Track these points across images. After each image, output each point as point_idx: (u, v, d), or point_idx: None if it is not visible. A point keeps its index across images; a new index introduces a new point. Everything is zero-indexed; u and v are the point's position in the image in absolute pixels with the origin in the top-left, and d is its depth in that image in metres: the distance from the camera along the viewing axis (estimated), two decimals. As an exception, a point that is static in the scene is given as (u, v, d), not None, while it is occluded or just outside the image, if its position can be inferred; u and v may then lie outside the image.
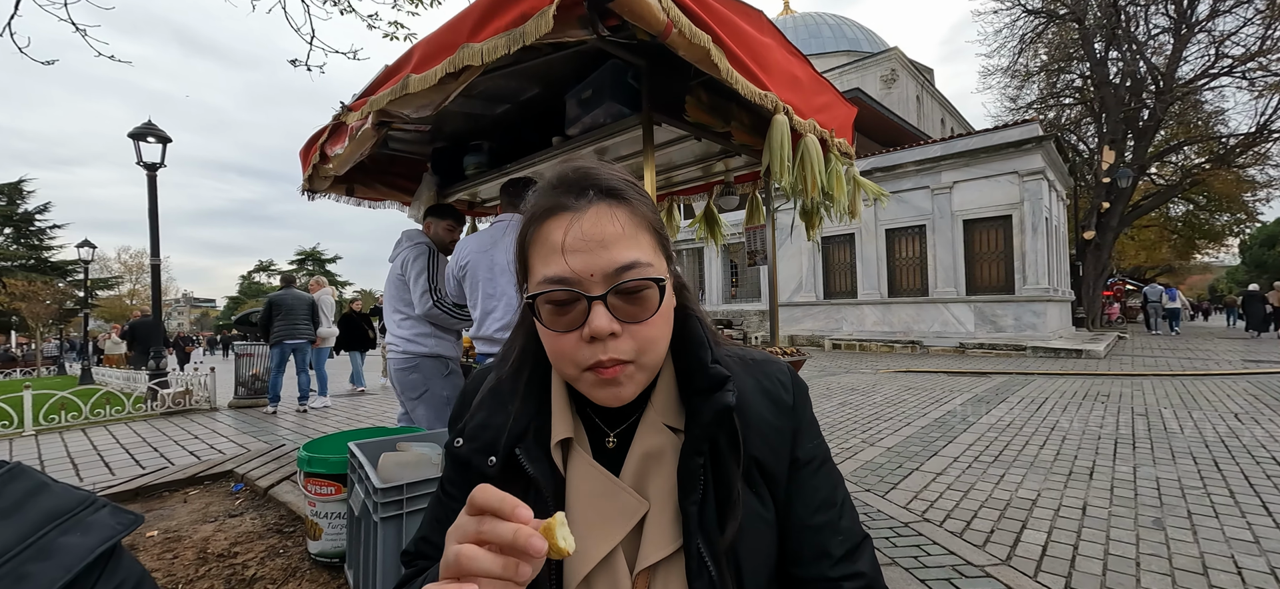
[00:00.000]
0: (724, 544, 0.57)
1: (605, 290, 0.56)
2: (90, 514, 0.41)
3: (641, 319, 0.57)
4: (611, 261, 0.56)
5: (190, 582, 2.21)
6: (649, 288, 0.57)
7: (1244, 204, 24.37)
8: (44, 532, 0.38)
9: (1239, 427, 5.05)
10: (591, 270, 0.56)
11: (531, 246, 0.60)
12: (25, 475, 0.41)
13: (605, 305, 0.56)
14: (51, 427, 6.35)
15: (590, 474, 0.61)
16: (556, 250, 0.57)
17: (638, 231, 0.59)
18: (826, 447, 0.70)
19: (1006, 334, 13.53)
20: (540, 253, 0.59)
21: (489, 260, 2.44)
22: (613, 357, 0.56)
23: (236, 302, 53.43)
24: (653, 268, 0.58)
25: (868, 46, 29.91)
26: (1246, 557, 2.57)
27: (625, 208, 0.59)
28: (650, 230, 0.61)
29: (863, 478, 3.85)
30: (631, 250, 0.57)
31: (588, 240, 0.56)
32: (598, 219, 0.57)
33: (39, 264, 30.44)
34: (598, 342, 0.56)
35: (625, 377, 0.58)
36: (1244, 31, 17.64)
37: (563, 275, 0.56)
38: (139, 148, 7.76)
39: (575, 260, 0.56)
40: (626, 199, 0.60)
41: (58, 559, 0.37)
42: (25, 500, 0.39)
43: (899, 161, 15.22)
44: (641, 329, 0.57)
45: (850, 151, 2.81)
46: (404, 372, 2.81)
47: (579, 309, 0.56)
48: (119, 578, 0.40)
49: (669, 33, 1.69)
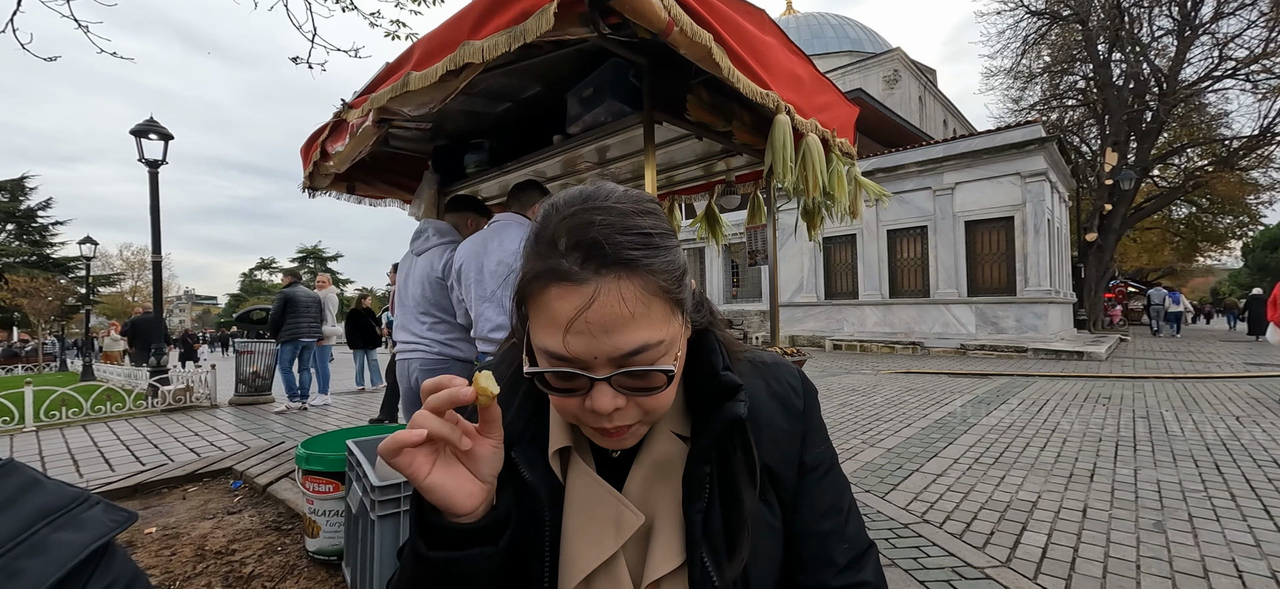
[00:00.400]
0: (735, 568, 0.56)
1: (610, 374, 0.52)
2: (83, 511, 0.41)
3: (646, 394, 0.54)
4: (617, 347, 0.51)
5: (188, 578, 2.21)
6: (656, 373, 0.53)
7: (1247, 207, 24.34)
8: (37, 528, 0.38)
9: (1240, 429, 5.04)
10: (594, 354, 0.51)
11: (530, 303, 0.55)
12: (18, 472, 0.41)
13: (610, 385, 0.52)
14: (52, 423, 6.35)
15: (588, 485, 0.59)
16: (557, 326, 0.51)
17: (649, 306, 0.52)
18: (834, 451, 0.69)
19: (1008, 336, 13.51)
20: (539, 319, 0.54)
21: (478, 262, 2.39)
22: (618, 424, 0.54)
23: (237, 299, 53.52)
24: (662, 345, 0.53)
25: (870, 47, 29.89)
26: (1247, 560, 2.56)
27: (637, 280, 0.52)
28: (662, 296, 0.53)
29: (863, 479, 3.84)
30: (640, 333, 0.51)
31: (592, 325, 0.50)
32: (604, 302, 0.50)
33: (41, 260, 30.51)
34: (601, 414, 0.53)
35: (630, 435, 0.57)
36: (1248, 34, 17.61)
37: (563, 355, 0.52)
38: (141, 144, 7.77)
39: (576, 343, 0.51)
40: (637, 269, 0.52)
41: (51, 555, 0.37)
42: (18, 496, 0.39)
43: (901, 162, 15.21)
44: (647, 401, 0.54)
45: (852, 152, 2.80)
46: (431, 373, 2.73)
47: (581, 384, 0.53)
48: (112, 575, 0.40)
49: (670, 31, 1.68)
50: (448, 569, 0.52)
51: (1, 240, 30.69)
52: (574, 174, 3.41)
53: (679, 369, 0.57)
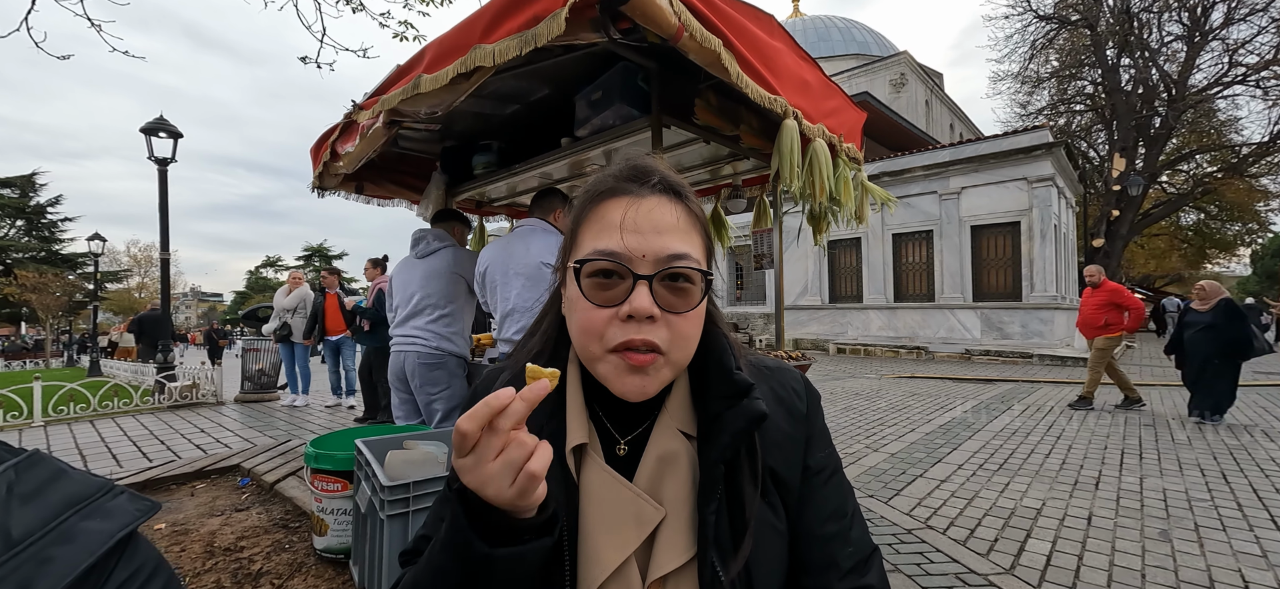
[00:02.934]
0: (736, 566, 0.57)
1: (653, 273, 0.57)
2: (109, 500, 0.42)
3: (681, 311, 0.58)
4: (665, 247, 0.58)
5: (197, 575, 2.23)
6: (695, 281, 0.59)
7: (1256, 214, 24.18)
8: (65, 516, 0.38)
9: (1249, 439, 5.01)
10: (644, 251, 0.57)
11: (585, 223, 0.61)
12: (45, 462, 0.41)
13: (650, 288, 0.56)
14: (60, 418, 6.41)
15: (606, 481, 0.60)
16: (613, 227, 0.58)
17: (691, 229, 0.61)
18: (837, 456, 0.70)
19: (1013, 341, 13.45)
20: (594, 228, 0.60)
21: (503, 267, 2.48)
22: (646, 339, 0.56)
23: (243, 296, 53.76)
24: (699, 268, 0.59)
25: (877, 50, 29.82)
26: (1253, 571, 2.55)
27: (683, 205, 0.61)
28: (701, 232, 0.63)
29: (866, 484, 3.84)
30: (685, 243, 0.59)
31: (645, 222, 0.58)
32: (657, 206, 0.59)
33: (50, 256, 30.72)
34: (633, 322, 0.56)
35: (654, 368, 0.58)
36: (1258, 39, 17.54)
37: (615, 250, 0.57)
38: (150, 142, 7.83)
39: (630, 239, 0.57)
40: (685, 197, 0.62)
41: (81, 543, 0.38)
42: (46, 486, 0.40)
43: (907, 166, 15.17)
44: (679, 321, 0.58)
45: (858, 156, 2.81)
46: (429, 367, 2.84)
47: (622, 287, 0.57)
48: (137, 562, 0.41)
49: (680, 36, 1.70)
50: (511, 567, 0.50)
51: (11, 236, 30.95)
52: (581, 177, 3.43)
53: (703, 310, 0.61)
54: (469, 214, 4.23)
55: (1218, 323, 5.69)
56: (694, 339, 0.61)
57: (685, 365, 0.62)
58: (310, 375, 7.62)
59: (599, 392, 0.64)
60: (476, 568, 0.50)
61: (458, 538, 0.50)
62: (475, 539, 0.49)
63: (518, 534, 0.50)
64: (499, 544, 0.50)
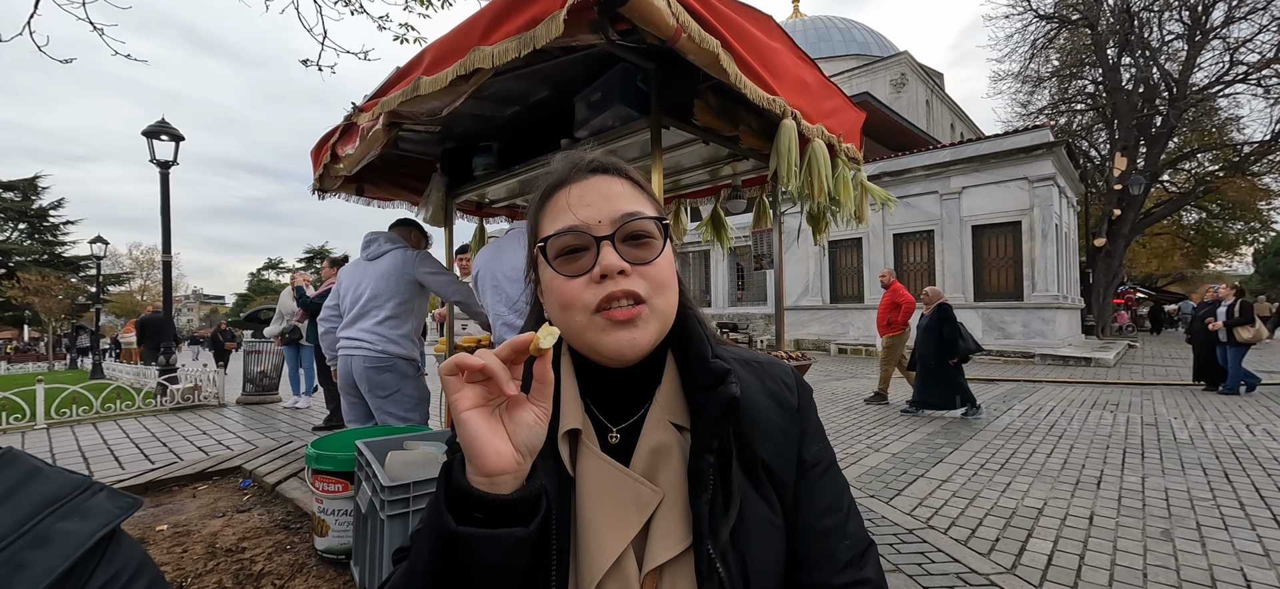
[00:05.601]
0: (722, 538, 0.57)
1: (612, 232, 0.60)
2: (87, 499, 0.40)
3: (649, 261, 0.61)
4: (616, 209, 0.61)
5: (199, 576, 2.24)
6: (653, 233, 0.62)
7: (1258, 212, 24.13)
8: (41, 517, 0.36)
9: (1251, 438, 5.00)
10: (598, 218, 0.61)
11: (542, 217, 0.66)
12: (18, 461, 0.39)
13: (613, 245, 0.60)
14: (63, 420, 6.43)
15: (601, 467, 0.60)
16: (565, 209, 0.62)
17: (636, 193, 0.65)
18: (832, 451, 0.70)
19: (1015, 341, 13.44)
20: (550, 216, 0.64)
21: (492, 270, 2.50)
22: (624, 289, 0.59)
23: (245, 299, 53.86)
24: (654, 222, 0.63)
25: (877, 50, 29.81)
26: (1256, 570, 2.54)
27: (623, 177, 0.66)
28: (647, 196, 0.66)
29: (867, 484, 3.84)
30: (634, 203, 0.63)
31: (592, 194, 0.63)
32: (602, 181, 0.64)
33: (52, 259, 30.84)
34: (608, 279, 0.58)
35: (640, 319, 0.59)
36: (1260, 38, 17.50)
37: (572, 225, 0.61)
38: (152, 145, 7.86)
39: (583, 212, 0.61)
40: (624, 171, 0.67)
41: (57, 545, 0.36)
42: (20, 486, 0.38)
43: (908, 166, 15.17)
44: (650, 270, 0.61)
45: (858, 157, 2.81)
46: (376, 370, 2.82)
47: (587, 254, 0.60)
48: (119, 563, 0.39)
49: (678, 37, 1.70)
50: (476, 549, 0.49)
51: (14, 239, 31.06)
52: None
53: (671, 258, 0.65)
54: (470, 215, 4.25)
55: (933, 325, 6.15)
56: (671, 286, 0.63)
57: (670, 316, 0.63)
58: (314, 377, 7.61)
59: (591, 382, 0.65)
60: (448, 547, 0.49)
61: (433, 514, 0.51)
62: (446, 514, 0.49)
63: (488, 515, 0.50)
64: (466, 521, 0.49)
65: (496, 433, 0.50)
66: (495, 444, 0.50)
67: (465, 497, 0.50)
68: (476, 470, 0.50)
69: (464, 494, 0.50)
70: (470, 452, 0.49)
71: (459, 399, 0.49)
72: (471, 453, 0.49)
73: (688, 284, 0.70)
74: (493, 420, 0.51)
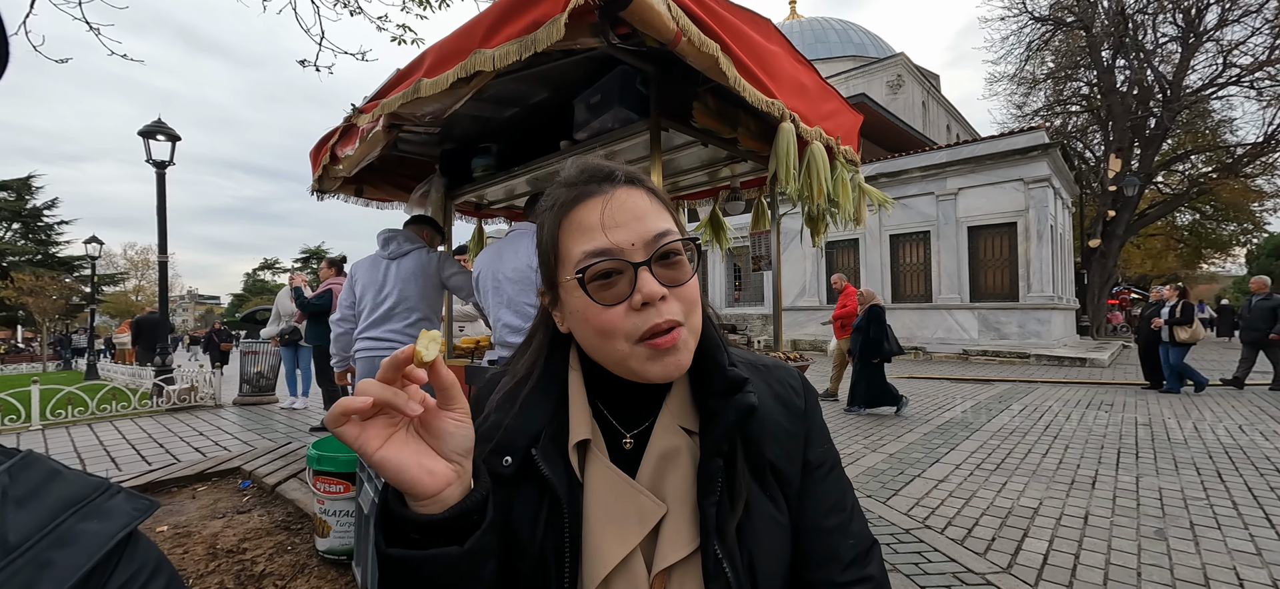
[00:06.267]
0: (729, 539, 0.58)
1: (648, 257, 0.58)
2: (107, 500, 0.40)
3: (682, 282, 0.60)
4: (649, 230, 0.59)
5: (201, 577, 2.24)
6: (686, 250, 0.61)
7: (1251, 214, 24.27)
8: (63, 518, 0.37)
9: (1244, 438, 5.04)
10: (632, 240, 0.58)
11: (564, 232, 0.62)
12: (39, 463, 0.40)
13: (650, 271, 0.58)
14: (58, 421, 6.40)
15: (608, 477, 0.61)
16: (595, 228, 0.59)
17: (662, 209, 0.63)
18: (836, 451, 0.72)
19: (1010, 341, 13.50)
20: (576, 235, 0.61)
21: (494, 271, 2.49)
22: (666, 319, 0.57)
23: (241, 299, 53.65)
24: (682, 239, 0.61)
25: (874, 52, 29.90)
26: (1249, 568, 2.57)
27: (646, 190, 0.63)
28: (670, 210, 0.65)
29: (865, 484, 3.86)
30: (663, 221, 0.61)
31: (623, 213, 0.59)
32: (629, 196, 0.61)
33: (46, 259, 30.67)
34: (650, 307, 0.57)
35: (681, 342, 0.59)
36: (1252, 41, 17.62)
37: (606, 248, 0.58)
38: (149, 145, 7.83)
39: (616, 234, 0.58)
40: (645, 184, 0.64)
41: (80, 545, 0.36)
42: (41, 488, 0.38)
43: (904, 167, 15.22)
44: (685, 291, 0.60)
45: (856, 158, 2.83)
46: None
47: (625, 280, 0.58)
48: (138, 563, 0.40)
49: (678, 41, 1.71)
50: (408, 574, 0.49)
51: (8, 239, 30.88)
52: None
53: (697, 282, 0.63)
54: (468, 216, 4.26)
55: (861, 325, 6.48)
56: (699, 304, 0.63)
57: (700, 331, 0.64)
58: (311, 378, 7.54)
59: (602, 388, 0.65)
60: (383, 567, 0.49)
61: (373, 531, 0.52)
62: (378, 533, 0.50)
63: (423, 536, 0.49)
64: (394, 543, 0.49)
65: (422, 452, 0.49)
66: (425, 464, 0.49)
67: (396, 520, 0.49)
68: (416, 498, 0.49)
69: (394, 518, 0.49)
70: (402, 484, 0.48)
71: (365, 444, 0.47)
72: (404, 485, 0.48)
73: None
74: (413, 443, 0.49)
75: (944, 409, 6.77)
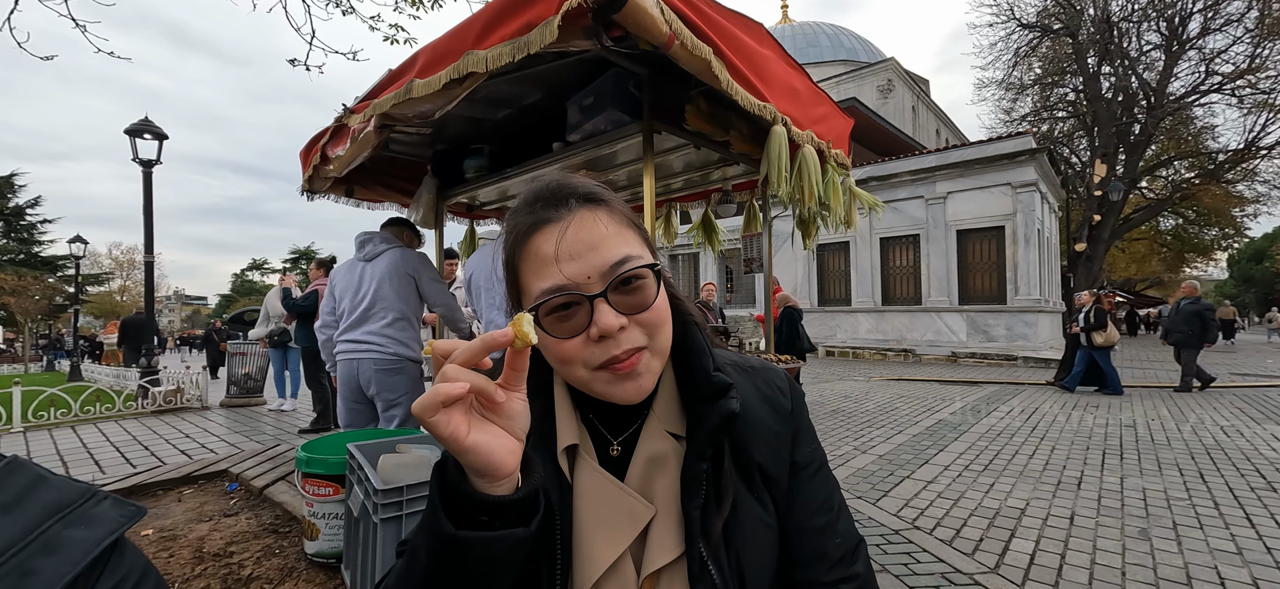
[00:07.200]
0: (715, 540, 0.58)
1: (605, 287, 0.57)
2: (93, 507, 0.40)
3: (644, 308, 0.58)
4: (605, 260, 0.57)
5: (187, 580, 2.22)
6: (646, 277, 0.59)
7: (1232, 219, 24.68)
8: (47, 525, 0.37)
9: (1225, 440, 5.12)
10: (588, 273, 0.57)
11: (522, 264, 0.61)
12: (23, 469, 0.40)
13: (608, 301, 0.56)
14: (41, 424, 6.30)
15: (597, 481, 0.61)
16: (549, 261, 0.57)
17: (623, 229, 0.60)
18: (823, 451, 0.72)
19: (998, 344, 13.64)
20: (532, 267, 0.59)
21: (487, 272, 2.51)
22: (626, 347, 0.57)
23: (228, 300, 53.06)
24: (644, 260, 0.59)
25: (864, 56, 30.14)
26: (1229, 567, 2.62)
27: (605, 209, 0.61)
28: (632, 227, 0.62)
29: (855, 485, 3.88)
30: (622, 246, 0.58)
31: (578, 244, 0.57)
32: (583, 223, 0.58)
33: (29, 259, 30.16)
34: (608, 339, 0.56)
35: (643, 366, 0.58)
36: (1234, 49, 17.91)
37: (560, 283, 0.57)
38: (135, 144, 7.72)
39: (570, 267, 0.57)
40: (605, 202, 0.61)
41: (64, 553, 0.36)
42: (26, 494, 0.38)
43: (894, 171, 15.35)
44: (647, 316, 0.58)
45: (846, 162, 2.85)
46: (387, 373, 2.78)
47: (582, 313, 0.57)
48: (124, 570, 0.39)
49: (671, 44, 1.73)
50: (477, 552, 0.48)
51: (-12, 238, 30.34)
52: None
53: (665, 298, 0.62)
54: (460, 217, 4.24)
55: (778, 325, 6.75)
56: (667, 323, 0.61)
57: (668, 348, 0.63)
58: (300, 380, 7.45)
59: (587, 398, 0.65)
60: (446, 549, 0.48)
61: (429, 516, 0.49)
62: (444, 519, 0.48)
63: (492, 518, 0.48)
64: (467, 526, 0.48)
65: (498, 434, 0.49)
66: (505, 444, 0.48)
67: (468, 501, 0.48)
68: (494, 478, 0.48)
69: (466, 498, 0.48)
70: (487, 467, 0.47)
71: (456, 430, 0.46)
72: (490, 467, 0.47)
73: (681, 289, 0.71)
74: (487, 425, 0.49)
75: (933, 411, 6.83)
